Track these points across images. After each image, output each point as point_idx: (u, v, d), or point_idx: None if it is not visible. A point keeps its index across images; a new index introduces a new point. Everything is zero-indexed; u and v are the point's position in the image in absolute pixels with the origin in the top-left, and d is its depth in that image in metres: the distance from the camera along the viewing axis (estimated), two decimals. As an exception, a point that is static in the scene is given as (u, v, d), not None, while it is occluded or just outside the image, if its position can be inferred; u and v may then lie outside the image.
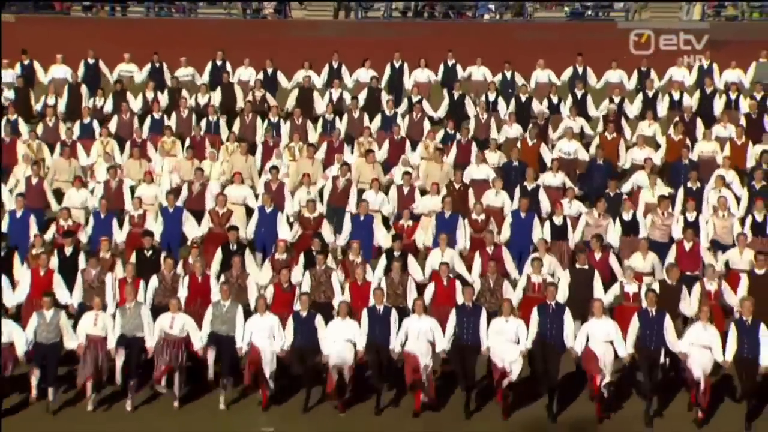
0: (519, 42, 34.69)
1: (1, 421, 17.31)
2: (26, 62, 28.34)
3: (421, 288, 19.04)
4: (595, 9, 38.18)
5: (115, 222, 20.97)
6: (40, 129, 25.01)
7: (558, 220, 20.70)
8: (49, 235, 20.59)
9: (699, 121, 24.76)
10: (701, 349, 17.06)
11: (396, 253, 19.49)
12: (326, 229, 20.92)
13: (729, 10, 37.48)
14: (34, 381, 17.57)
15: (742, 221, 20.69)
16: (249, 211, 21.98)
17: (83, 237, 20.53)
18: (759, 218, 20.50)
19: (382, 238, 20.69)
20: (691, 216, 20.50)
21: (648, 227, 20.49)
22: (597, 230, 20.37)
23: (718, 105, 25.91)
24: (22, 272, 19.21)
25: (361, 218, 20.92)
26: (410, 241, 20.51)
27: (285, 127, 25.09)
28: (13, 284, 19.00)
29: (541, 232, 20.48)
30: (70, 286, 18.82)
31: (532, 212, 20.86)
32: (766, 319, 17.73)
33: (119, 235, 20.82)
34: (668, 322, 17.29)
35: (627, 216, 20.65)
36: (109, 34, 35.20)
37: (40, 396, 17.60)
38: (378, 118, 25.12)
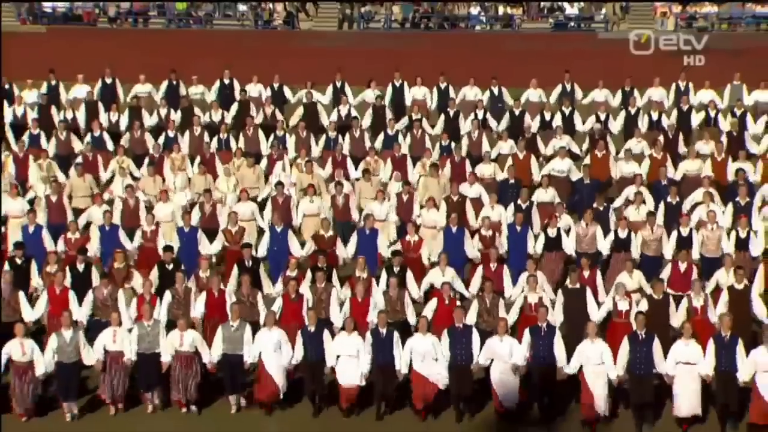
0: (509, 51, 33.87)
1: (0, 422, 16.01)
2: (53, 83, 26.37)
3: (419, 304, 17.64)
4: (577, 21, 37.51)
5: (121, 233, 19.35)
6: (52, 144, 23.34)
7: (552, 232, 19.24)
8: (60, 247, 19.05)
9: (681, 138, 23.12)
10: (686, 366, 15.76)
11: (395, 269, 17.98)
12: (340, 247, 19.36)
13: (700, 21, 36.50)
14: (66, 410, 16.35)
15: (728, 233, 19.18)
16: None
17: (92, 251, 18.91)
18: (742, 234, 19.01)
19: (384, 248, 19.24)
20: (684, 231, 19.03)
21: (639, 245, 19.00)
22: (586, 239, 19.11)
23: (696, 120, 24.23)
24: (39, 287, 17.82)
25: (367, 232, 19.36)
26: (417, 255, 19.00)
27: (290, 141, 23.45)
28: (28, 295, 17.63)
29: (533, 247, 19.12)
30: (82, 302, 17.30)
31: (526, 225, 19.47)
32: (746, 330, 16.68)
33: (128, 244, 19.19)
34: (656, 345, 15.92)
35: (622, 234, 19.13)
36: (133, 43, 34.71)
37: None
38: (380, 138, 23.47)
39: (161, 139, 23.32)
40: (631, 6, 37.39)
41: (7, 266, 17.96)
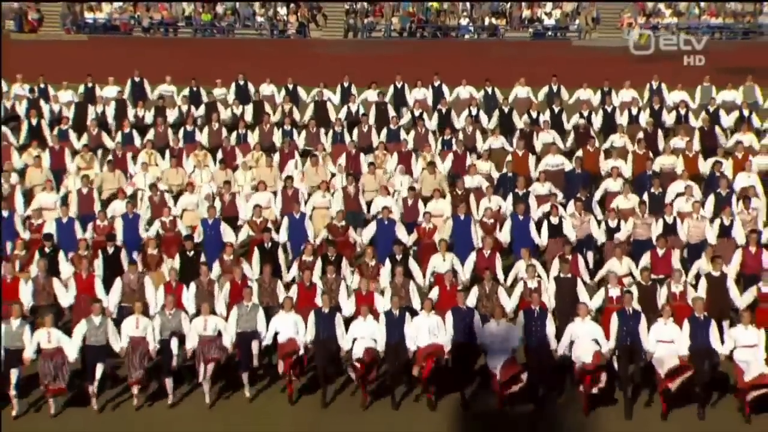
0: (494, 57, 32.45)
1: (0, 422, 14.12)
2: (89, 85, 24.11)
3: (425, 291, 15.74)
4: (553, 30, 36.34)
5: (140, 222, 17.46)
6: (84, 138, 21.31)
7: (554, 220, 17.37)
8: (89, 234, 17.15)
9: (660, 133, 21.03)
10: (664, 344, 14.13)
11: (398, 257, 16.04)
12: (353, 235, 17.54)
13: (662, 31, 34.82)
14: (91, 393, 14.35)
15: (711, 222, 17.31)
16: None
17: (118, 241, 16.90)
18: (726, 222, 17.14)
19: (404, 235, 17.32)
20: (669, 219, 17.21)
21: (631, 229, 17.16)
22: (582, 227, 17.30)
23: (668, 119, 22.03)
24: (67, 275, 15.78)
25: (386, 222, 17.49)
26: (431, 240, 17.12)
27: (301, 136, 21.39)
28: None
29: (538, 235, 17.25)
30: (111, 287, 15.41)
31: (528, 215, 17.61)
32: (723, 314, 14.96)
33: (144, 234, 17.23)
34: (642, 322, 14.30)
35: (612, 223, 17.34)
36: (164, 50, 33.65)
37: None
38: (384, 132, 21.33)
39: (180, 134, 21.22)
40: (602, 17, 35.90)
41: (37, 255, 16.06)
